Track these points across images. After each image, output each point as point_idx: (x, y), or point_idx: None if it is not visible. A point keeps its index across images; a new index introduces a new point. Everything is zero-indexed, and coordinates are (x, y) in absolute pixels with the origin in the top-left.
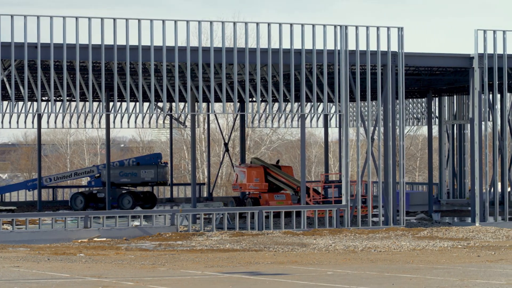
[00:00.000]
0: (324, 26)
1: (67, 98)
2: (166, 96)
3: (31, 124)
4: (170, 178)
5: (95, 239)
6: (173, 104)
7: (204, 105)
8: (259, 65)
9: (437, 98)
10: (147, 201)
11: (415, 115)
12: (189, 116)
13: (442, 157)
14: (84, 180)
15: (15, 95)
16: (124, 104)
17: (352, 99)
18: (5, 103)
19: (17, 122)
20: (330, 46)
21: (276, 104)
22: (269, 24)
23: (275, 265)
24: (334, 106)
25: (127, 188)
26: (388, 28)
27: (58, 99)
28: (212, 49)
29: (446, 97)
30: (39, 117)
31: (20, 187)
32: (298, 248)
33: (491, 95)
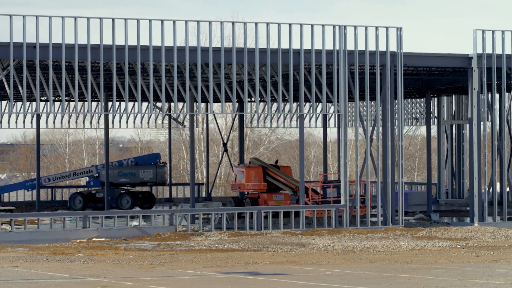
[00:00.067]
0: (323, 26)
1: (66, 98)
2: (165, 96)
3: (29, 124)
4: (169, 178)
5: (94, 239)
6: (172, 104)
7: (203, 105)
8: (258, 65)
9: (435, 98)
10: (146, 201)
11: (414, 115)
12: (187, 116)
13: (441, 157)
14: (83, 180)
15: (13, 95)
16: (123, 104)
17: (351, 99)
18: (3, 103)
19: (16, 122)
20: (329, 46)
21: (275, 104)
22: (268, 24)
23: (273, 265)
24: (333, 106)
25: (125, 188)
26: (387, 28)
27: (57, 99)
28: (211, 49)
29: (445, 97)
30: (38, 117)
31: (19, 187)
32: (296, 248)
33: (489, 95)
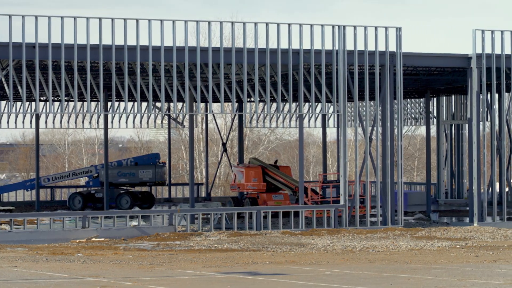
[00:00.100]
0: (322, 26)
1: (65, 98)
2: (164, 96)
3: (29, 124)
4: (168, 178)
5: (93, 239)
6: (171, 104)
7: (202, 105)
8: (257, 65)
9: (435, 98)
10: (145, 201)
11: (413, 115)
12: (187, 116)
13: (440, 157)
14: (82, 180)
15: (13, 95)
16: (122, 104)
17: (350, 99)
18: (3, 103)
19: (15, 122)
20: (328, 46)
21: (274, 104)
22: (267, 24)
23: (273, 265)
24: (332, 106)
25: (125, 188)
26: (386, 28)
27: (56, 99)
28: (210, 49)
29: (444, 97)
30: (37, 117)
31: (18, 187)
32: (296, 248)
33: (489, 95)
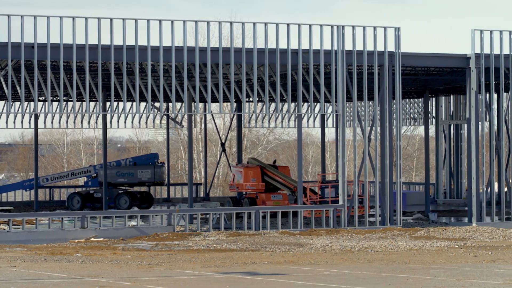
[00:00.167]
0: (321, 26)
1: (64, 98)
2: (163, 96)
3: (28, 124)
4: (167, 178)
5: (92, 239)
6: (170, 104)
7: (201, 105)
8: (256, 65)
9: (434, 98)
10: (144, 201)
11: (412, 115)
12: (186, 116)
13: (439, 157)
14: (81, 180)
15: (12, 95)
16: (121, 104)
17: (349, 99)
18: (2, 103)
19: (14, 122)
20: (327, 46)
21: (273, 104)
22: (266, 24)
23: (272, 265)
24: (331, 106)
25: (124, 188)
26: (385, 28)
27: (55, 99)
28: (209, 49)
29: (443, 97)
30: (36, 117)
31: (17, 187)
32: (295, 248)
33: (488, 95)
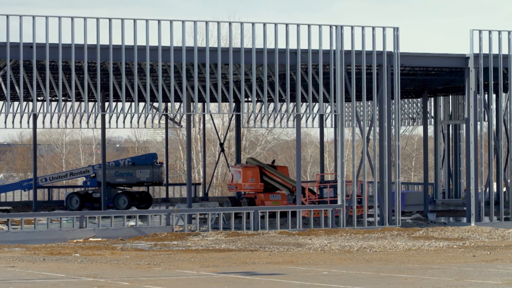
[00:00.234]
0: (320, 26)
1: (63, 98)
2: (162, 96)
3: (26, 124)
4: (166, 178)
5: (91, 239)
6: (169, 104)
7: (200, 105)
8: (254, 65)
9: (432, 98)
10: (143, 201)
11: (410, 115)
12: (184, 116)
13: (438, 157)
14: (80, 180)
15: (10, 95)
16: (119, 104)
17: (348, 99)
18: (0, 103)
19: (13, 122)
20: (326, 46)
21: (272, 104)
22: (264, 24)
23: (270, 265)
24: (329, 106)
25: (122, 188)
26: (383, 28)
27: (53, 99)
28: (207, 49)
29: (442, 97)
30: (35, 117)
31: (16, 187)
32: (293, 248)
33: (486, 95)
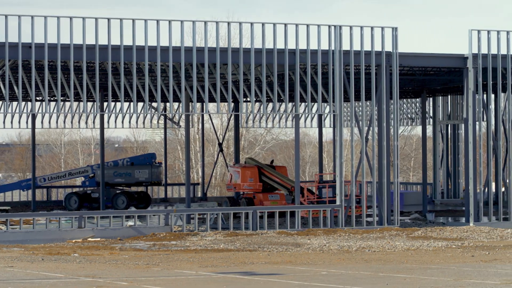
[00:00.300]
0: (319, 26)
1: (61, 98)
2: (160, 96)
3: (25, 124)
4: (164, 178)
5: (89, 239)
6: (167, 104)
7: (198, 105)
8: (253, 65)
9: (431, 98)
10: (141, 201)
11: (409, 115)
12: (183, 116)
13: (436, 157)
14: (78, 180)
15: (9, 95)
16: (118, 104)
17: (346, 99)
18: None
19: (11, 122)
20: (325, 46)
21: (270, 104)
22: (263, 24)
23: (269, 265)
24: (328, 106)
25: (121, 188)
26: (382, 28)
27: (52, 99)
28: (206, 49)
29: (440, 97)
30: (33, 117)
31: (14, 187)
32: (292, 248)
33: (485, 95)
